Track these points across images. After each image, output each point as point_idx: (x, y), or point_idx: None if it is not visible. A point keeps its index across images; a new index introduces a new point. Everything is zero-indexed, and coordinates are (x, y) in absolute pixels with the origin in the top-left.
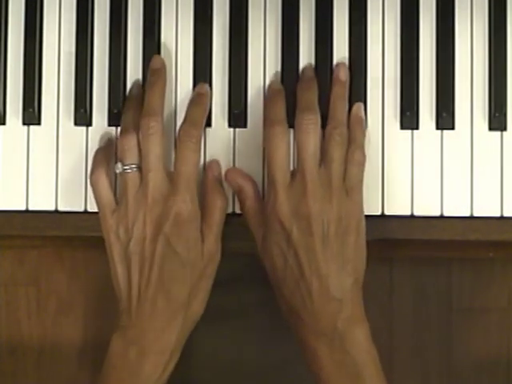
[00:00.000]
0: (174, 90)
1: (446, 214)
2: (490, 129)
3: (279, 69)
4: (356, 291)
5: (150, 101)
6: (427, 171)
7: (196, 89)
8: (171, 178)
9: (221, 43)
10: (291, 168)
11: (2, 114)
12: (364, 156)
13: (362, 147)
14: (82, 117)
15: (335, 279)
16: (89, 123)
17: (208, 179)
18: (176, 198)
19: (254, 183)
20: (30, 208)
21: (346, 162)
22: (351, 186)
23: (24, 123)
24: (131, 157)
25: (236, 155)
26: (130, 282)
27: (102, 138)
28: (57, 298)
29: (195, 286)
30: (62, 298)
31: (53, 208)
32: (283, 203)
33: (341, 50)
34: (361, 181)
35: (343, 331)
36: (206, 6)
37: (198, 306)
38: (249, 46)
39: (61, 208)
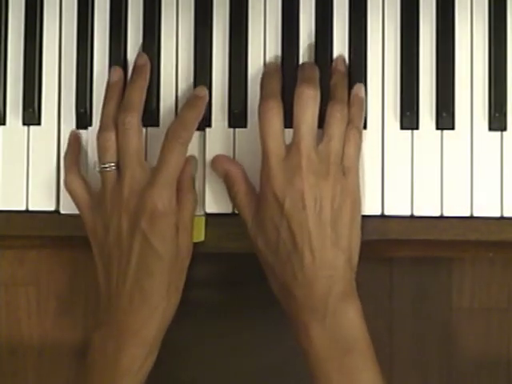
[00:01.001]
0: (174, 90)
1: (445, 214)
2: (490, 129)
3: None
4: (348, 269)
5: (129, 96)
6: (427, 171)
7: (194, 91)
8: (152, 172)
9: (221, 43)
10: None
11: (2, 114)
12: (360, 137)
13: (358, 128)
14: (82, 117)
15: (327, 254)
16: (89, 123)
17: (180, 175)
18: (152, 193)
19: (240, 167)
20: (30, 208)
21: (344, 141)
22: (348, 167)
23: (24, 123)
24: (109, 155)
25: (236, 155)
26: (108, 277)
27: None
28: (57, 298)
29: (173, 280)
30: (62, 297)
31: (53, 208)
32: (277, 175)
33: (341, 50)
34: (357, 163)
35: (334, 307)
36: (207, 6)
37: (175, 299)
38: (249, 46)
39: (61, 208)
